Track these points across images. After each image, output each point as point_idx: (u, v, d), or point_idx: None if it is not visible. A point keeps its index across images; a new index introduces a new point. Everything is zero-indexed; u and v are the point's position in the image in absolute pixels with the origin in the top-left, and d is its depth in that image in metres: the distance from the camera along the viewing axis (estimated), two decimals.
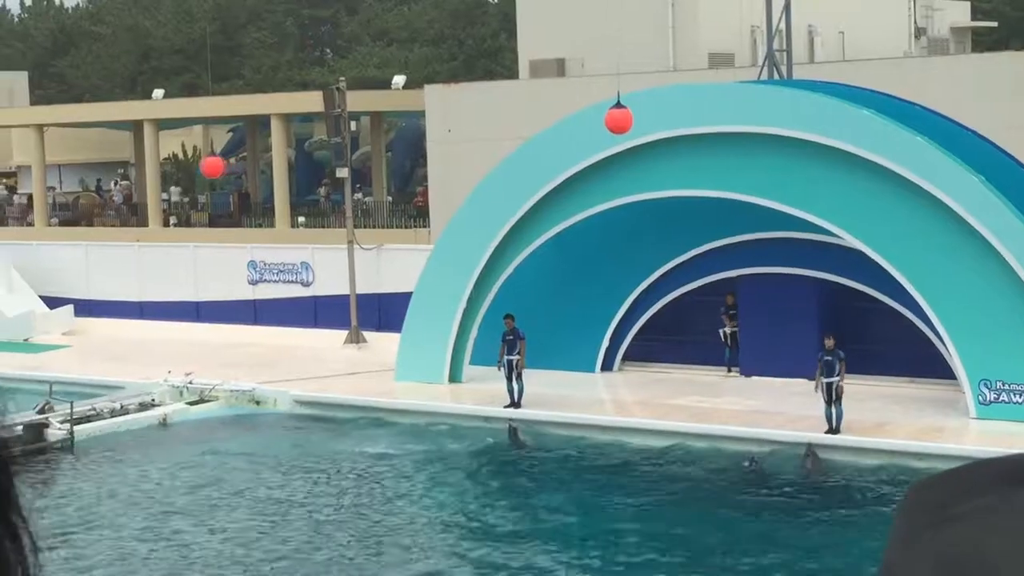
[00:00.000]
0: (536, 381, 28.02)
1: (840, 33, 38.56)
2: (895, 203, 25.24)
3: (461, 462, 25.71)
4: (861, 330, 25.73)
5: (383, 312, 35.02)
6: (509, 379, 27.69)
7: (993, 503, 1.22)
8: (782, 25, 30.49)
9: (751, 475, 23.88)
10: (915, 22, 42.19)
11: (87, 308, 40.07)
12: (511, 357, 27.73)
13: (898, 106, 26.66)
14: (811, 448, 24.29)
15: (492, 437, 26.94)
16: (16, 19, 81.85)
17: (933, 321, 25.47)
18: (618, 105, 24.98)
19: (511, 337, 27.87)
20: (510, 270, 29.21)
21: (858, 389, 26.24)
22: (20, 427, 27.53)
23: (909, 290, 25.49)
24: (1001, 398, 24.95)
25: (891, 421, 25.38)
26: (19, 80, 57.92)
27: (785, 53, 30.75)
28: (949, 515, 1.22)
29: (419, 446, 26.77)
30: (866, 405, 26.03)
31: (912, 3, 42.52)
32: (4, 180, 53.56)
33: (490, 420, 27.65)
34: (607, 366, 30.56)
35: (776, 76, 29.93)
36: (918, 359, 27.21)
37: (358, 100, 38.63)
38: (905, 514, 1.26)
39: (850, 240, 25.94)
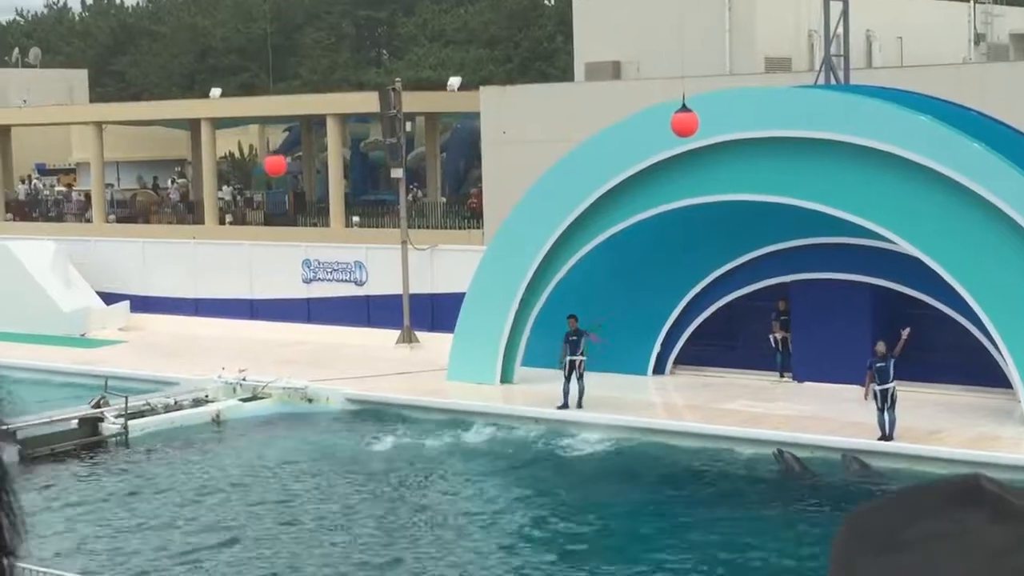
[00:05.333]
0: (587, 383, 28.01)
1: (898, 38, 38.31)
2: (951, 209, 25.06)
3: (511, 463, 25.75)
4: (915, 337, 25.55)
5: (436, 312, 35.12)
6: (568, 380, 27.63)
7: (941, 528, 1.20)
8: (840, 30, 30.32)
9: (793, 471, 23.94)
10: (975, 28, 41.85)
11: (143, 304, 40.42)
12: (573, 357, 27.65)
13: (956, 112, 26.47)
14: (846, 455, 24.23)
15: (542, 438, 26.96)
16: (77, 18, 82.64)
17: (989, 328, 25.27)
18: (684, 108, 24.95)
19: (575, 337, 27.78)
20: (563, 272, 29.23)
21: (912, 396, 26.06)
22: (75, 421, 27.87)
23: (964, 297, 25.31)
24: None
25: (945, 429, 25.19)
26: (79, 78, 58.50)
27: (842, 58, 30.58)
28: (896, 541, 1.20)
29: (469, 446, 26.82)
30: (920, 412, 25.85)
31: (972, 9, 42.18)
32: (63, 177, 54.11)
33: (540, 422, 27.68)
34: (659, 369, 30.53)
35: (833, 81, 29.78)
36: (973, 366, 26.99)
37: (413, 101, 38.77)
38: (847, 541, 1.24)
39: (905, 246, 25.78)
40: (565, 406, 27.61)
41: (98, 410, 28.27)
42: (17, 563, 1.29)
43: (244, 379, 30.86)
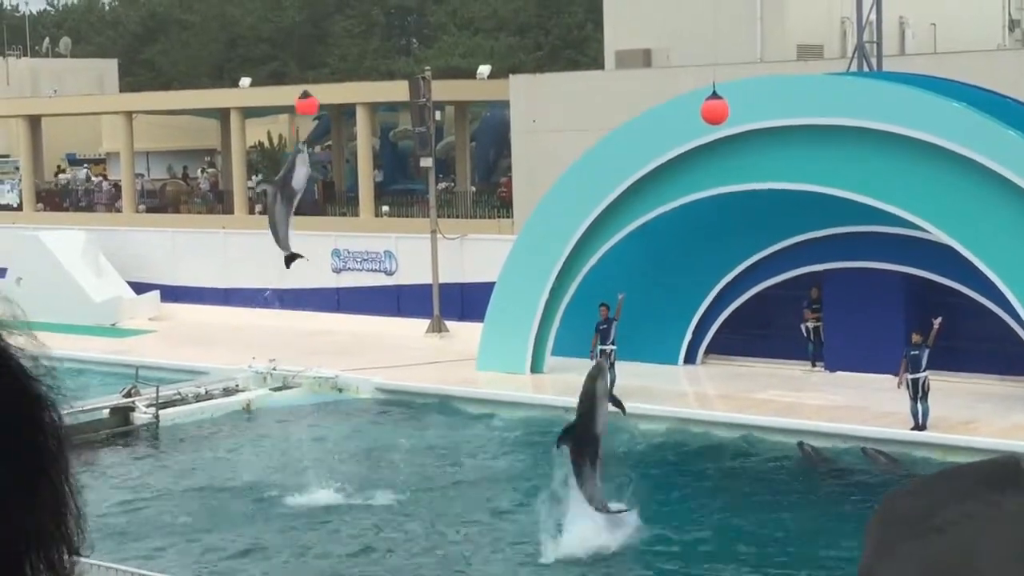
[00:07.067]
0: (619, 372, 27.89)
1: (932, 25, 38.00)
2: (985, 197, 24.85)
3: (541, 452, 25.67)
4: (949, 326, 25.36)
5: (466, 301, 35.06)
6: None
7: (977, 510, 1.18)
8: (872, 16, 30.10)
9: (812, 461, 23.91)
10: (1009, 14, 41.48)
11: (173, 294, 40.50)
12: (605, 347, 27.56)
13: (990, 99, 26.24)
14: (866, 448, 24.14)
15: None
16: (107, 7, 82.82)
17: (1023, 317, 25.06)
18: (714, 96, 24.83)
19: (605, 326, 27.67)
20: (593, 261, 29.13)
21: (945, 386, 25.89)
22: (107, 410, 27.93)
23: (998, 286, 25.11)
24: None
25: (979, 419, 25.01)
26: (109, 67, 58.65)
27: (875, 45, 30.35)
28: (933, 525, 1.18)
29: (500, 435, 26.78)
30: (953, 402, 25.67)
31: None
32: (93, 167, 54.23)
33: (570, 411, 27.55)
34: (690, 359, 30.40)
35: (866, 68, 29.57)
36: (1007, 356, 26.79)
37: (443, 89, 38.68)
38: (883, 525, 1.23)
39: (939, 235, 25.58)
40: None
41: (129, 399, 28.34)
42: (79, 561, 1.27)
43: (274, 368, 30.88)
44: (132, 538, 21.13)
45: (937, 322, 24.68)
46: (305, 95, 28.68)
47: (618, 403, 21.62)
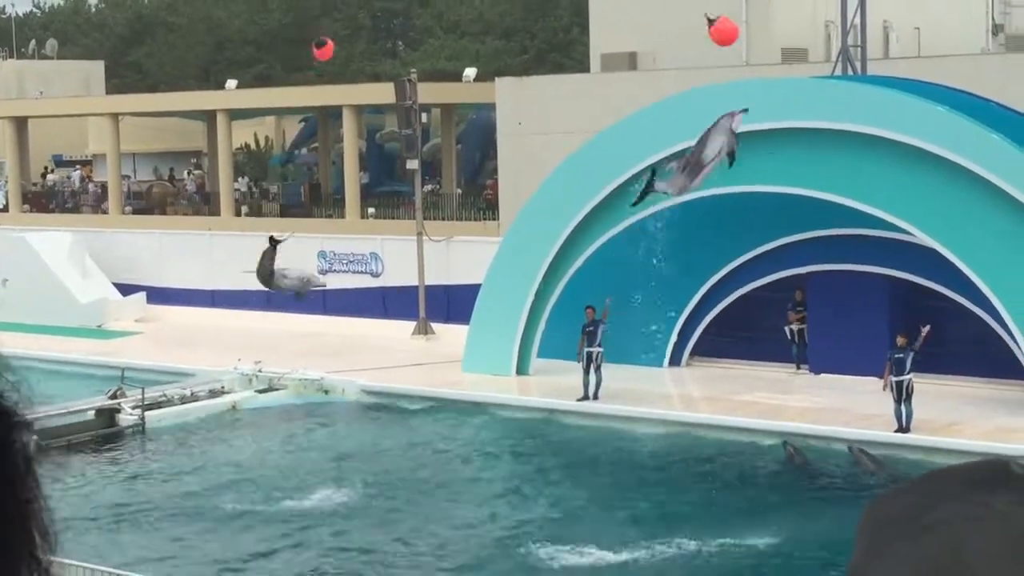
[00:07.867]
0: (604, 375, 27.99)
1: (916, 29, 38.15)
2: (969, 200, 24.97)
3: (526, 454, 25.75)
4: (933, 329, 25.47)
5: (451, 303, 35.10)
6: (587, 371, 27.61)
7: (967, 510, 1.19)
8: (857, 20, 30.22)
9: (793, 461, 24.03)
10: (993, 18, 41.65)
11: (159, 296, 40.48)
12: (591, 349, 27.63)
13: (974, 103, 26.36)
14: (853, 447, 24.28)
15: (557, 429, 26.95)
16: (94, 9, 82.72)
17: (1006, 320, 25.18)
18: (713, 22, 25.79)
19: (591, 328, 27.75)
20: (579, 263, 29.20)
21: (930, 388, 25.99)
22: (92, 412, 27.93)
23: (982, 289, 25.22)
24: None
25: (963, 421, 25.12)
26: (95, 69, 58.57)
27: (859, 49, 30.47)
28: (923, 525, 1.19)
29: (486, 437, 26.83)
30: (937, 404, 25.78)
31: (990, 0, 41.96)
32: (80, 168, 54.18)
33: (555, 413, 27.66)
34: (675, 361, 30.47)
35: (850, 72, 29.68)
36: (991, 359, 26.89)
37: (429, 92, 38.72)
38: (873, 525, 1.23)
39: (923, 238, 25.70)
40: (586, 397, 27.58)
41: (115, 401, 28.34)
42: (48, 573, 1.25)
43: (260, 370, 30.90)
44: (116, 539, 21.14)
45: (925, 330, 24.73)
46: (321, 43, 28.45)
47: (733, 153, 24.00)
